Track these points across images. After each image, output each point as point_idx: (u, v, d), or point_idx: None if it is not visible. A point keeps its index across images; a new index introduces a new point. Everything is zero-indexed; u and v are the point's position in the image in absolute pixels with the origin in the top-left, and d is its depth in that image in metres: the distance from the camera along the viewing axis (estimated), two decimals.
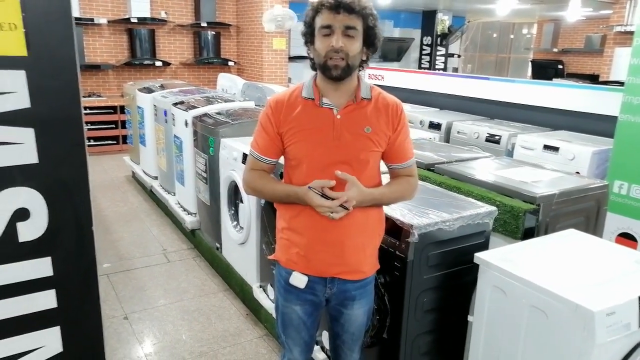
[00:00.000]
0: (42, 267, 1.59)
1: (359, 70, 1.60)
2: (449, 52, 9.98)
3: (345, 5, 1.45)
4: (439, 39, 9.64)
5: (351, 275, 1.66)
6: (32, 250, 1.56)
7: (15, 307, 1.60)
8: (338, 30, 1.46)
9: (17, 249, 1.55)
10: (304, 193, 1.53)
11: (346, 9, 1.45)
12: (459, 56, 10.83)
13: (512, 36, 12.95)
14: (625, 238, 3.19)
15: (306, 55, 1.60)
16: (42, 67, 1.46)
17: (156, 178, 5.12)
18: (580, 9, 8.87)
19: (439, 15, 9.52)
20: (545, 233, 2.15)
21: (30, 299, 1.61)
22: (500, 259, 1.78)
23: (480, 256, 1.80)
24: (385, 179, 1.72)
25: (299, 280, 1.64)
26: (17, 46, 1.38)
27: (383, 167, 1.69)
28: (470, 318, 1.85)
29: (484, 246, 2.02)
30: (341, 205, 1.49)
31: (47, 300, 1.63)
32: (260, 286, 2.98)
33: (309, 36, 1.55)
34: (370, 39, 1.52)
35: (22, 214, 1.52)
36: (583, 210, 2.40)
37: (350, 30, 1.47)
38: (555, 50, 11.28)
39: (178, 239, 4.26)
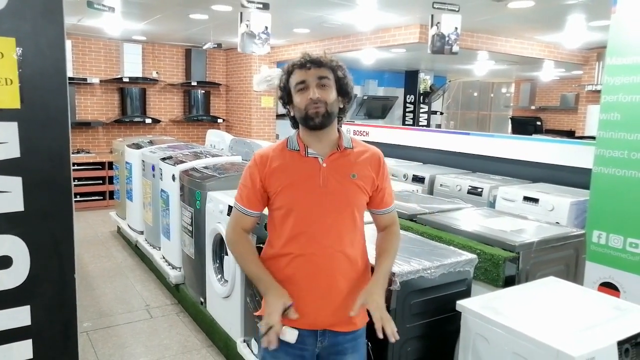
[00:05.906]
0: (20, 316, 1.56)
1: (339, 121, 1.68)
2: (432, 109, 10.33)
3: (314, 60, 1.58)
4: (421, 97, 10.02)
5: (343, 327, 1.64)
6: (11, 298, 1.54)
7: None
8: (312, 83, 1.57)
9: None
10: (268, 288, 1.57)
11: (315, 63, 1.58)
12: (441, 113, 11.20)
13: (492, 94, 13.49)
14: (608, 287, 3.21)
15: None
16: (34, 119, 1.51)
17: (142, 233, 5.08)
18: (553, 69, 9.38)
19: (421, 75, 9.95)
20: (526, 281, 2.18)
21: (5, 350, 1.56)
22: (482, 306, 1.79)
23: (462, 304, 1.81)
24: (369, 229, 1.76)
25: (290, 334, 1.57)
26: (11, 99, 1.44)
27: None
28: None
29: (466, 294, 2.03)
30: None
31: (22, 351, 1.58)
32: (244, 341, 2.91)
33: (286, 97, 1.65)
34: (342, 88, 1.63)
35: (4, 262, 1.51)
36: (562, 259, 2.44)
37: (324, 79, 1.58)
38: (533, 107, 11.74)
39: (162, 294, 4.18)
